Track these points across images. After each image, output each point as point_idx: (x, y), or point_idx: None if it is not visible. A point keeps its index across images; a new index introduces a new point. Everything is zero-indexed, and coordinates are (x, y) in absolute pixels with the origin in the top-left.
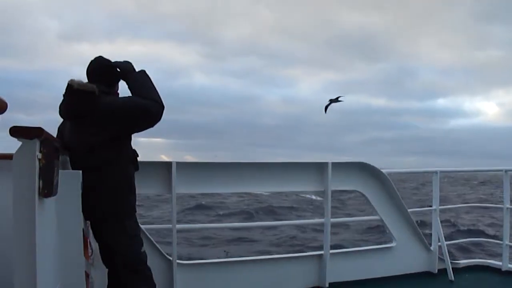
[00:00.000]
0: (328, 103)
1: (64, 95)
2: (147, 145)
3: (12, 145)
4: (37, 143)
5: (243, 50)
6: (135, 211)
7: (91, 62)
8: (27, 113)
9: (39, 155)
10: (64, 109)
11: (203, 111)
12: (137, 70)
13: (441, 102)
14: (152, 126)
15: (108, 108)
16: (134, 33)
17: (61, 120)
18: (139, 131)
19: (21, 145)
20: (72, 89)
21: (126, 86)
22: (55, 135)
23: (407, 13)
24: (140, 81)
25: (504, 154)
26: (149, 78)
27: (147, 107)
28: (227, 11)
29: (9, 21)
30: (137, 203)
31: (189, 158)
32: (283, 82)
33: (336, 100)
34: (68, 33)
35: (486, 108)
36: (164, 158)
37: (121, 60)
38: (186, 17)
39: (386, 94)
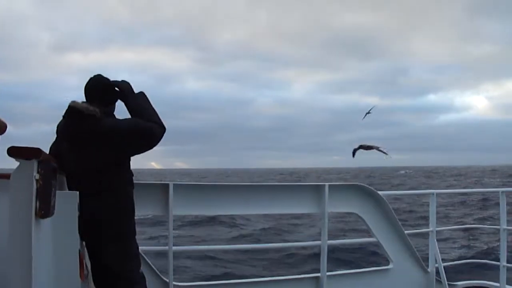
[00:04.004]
0: (356, 148)
1: (64, 116)
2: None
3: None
4: (35, 164)
5: (237, 54)
6: (135, 233)
7: (91, 80)
8: (16, 125)
9: (37, 176)
10: (65, 130)
11: (194, 116)
12: (135, 91)
13: (432, 98)
14: (152, 147)
15: (112, 130)
16: (127, 40)
17: (51, 138)
18: (141, 153)
19: (19, 166)
20: (76, 110)
21: (121, 105)
22: (46, 149)
23: (401, 11)
24: (141, 103)
25: (494, 147)
26: (149, 100)
27: (151, 129)
28: (224, 15)
29: None
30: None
31: (180, 164)
32: (276, 84)
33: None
34: (59, 44)
35: (476, 102)
36: (154, 165)
37: (119, 79)
38: (182, 22)
39: (378, 93)
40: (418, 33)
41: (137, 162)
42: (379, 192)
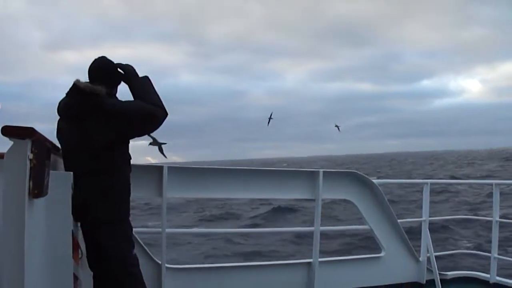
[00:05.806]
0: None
1: (67, 94)
2: (131, 148)
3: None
4: (28, 143)
5: (230, 46)
6: (129, 214)
7: (95, 60)
8: None
9: (30, 155)
10: (65, 108)
11: (189, 110)
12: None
13: (425, 84)
14: (153, 131)
15: (113, 110)
16: (122, 36)
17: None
18: (141, 135)
19: (13, 145)
20: (78, 89)
21: (123, 89)
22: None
23: None
24: (145, 87)
25: (489, 129)
26: (152, 84)
27: (152, 111)
28: (218, 8)
29: None
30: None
31: (176, 158)
32: (269, 75)
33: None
34: (53, 42)
35: (470, 86)
36: (150, 160)
37: (124, 63)
38: (176, 17)
39: (371, 79)
40: (410, 19)
41: (133, 157)
42: (374, 180)
